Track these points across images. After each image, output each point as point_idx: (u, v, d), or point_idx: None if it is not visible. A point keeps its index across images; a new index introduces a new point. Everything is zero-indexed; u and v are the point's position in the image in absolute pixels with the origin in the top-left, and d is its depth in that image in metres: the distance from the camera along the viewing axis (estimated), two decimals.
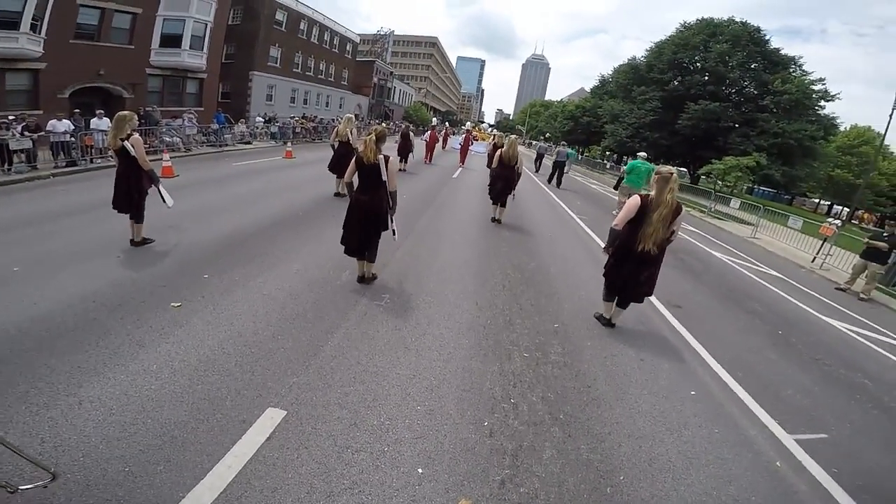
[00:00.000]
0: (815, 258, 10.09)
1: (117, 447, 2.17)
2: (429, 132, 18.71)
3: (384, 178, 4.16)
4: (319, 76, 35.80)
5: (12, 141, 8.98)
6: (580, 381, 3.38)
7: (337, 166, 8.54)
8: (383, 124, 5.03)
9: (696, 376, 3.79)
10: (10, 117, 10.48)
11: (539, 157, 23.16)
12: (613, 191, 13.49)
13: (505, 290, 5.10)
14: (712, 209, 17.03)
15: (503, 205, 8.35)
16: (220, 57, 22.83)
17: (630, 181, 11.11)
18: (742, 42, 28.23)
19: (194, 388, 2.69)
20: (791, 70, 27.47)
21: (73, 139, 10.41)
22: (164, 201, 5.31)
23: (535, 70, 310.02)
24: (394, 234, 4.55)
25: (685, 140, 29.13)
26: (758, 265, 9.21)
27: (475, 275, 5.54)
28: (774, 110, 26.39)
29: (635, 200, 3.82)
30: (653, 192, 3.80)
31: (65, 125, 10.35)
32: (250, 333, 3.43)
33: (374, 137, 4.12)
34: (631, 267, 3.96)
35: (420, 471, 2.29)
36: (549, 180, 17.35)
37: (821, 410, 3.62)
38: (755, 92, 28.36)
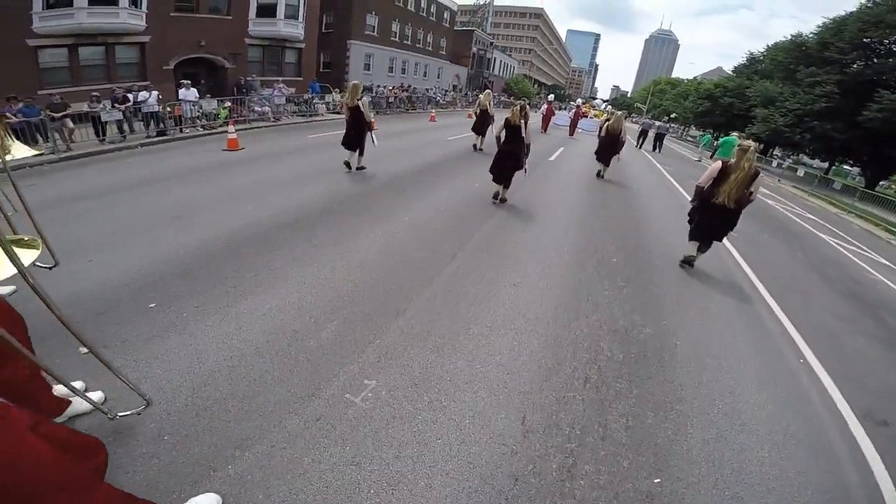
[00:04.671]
0: None
1: None
2: (545, 106, 22.00)
3: (523, 134, 6.29)
4: (417, 45, 34.69)
5: (104, 113, 9.26)
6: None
7: (479, 128, 11.71)
8: (523, 101, 7.00)
9: None
10: (118, 89, 11.02)
11: (643, 133, 22.60)
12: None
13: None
14: None
15: (607, 165, 10.51)
16: (319, 27, 22.75)
17: (722, 153, 13.28)
18: None
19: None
20: None
21: (164, 110, 10.66)
22: (373, 142, 7.84)
23: (661, 46, 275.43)
24: (525, 171, 6.66)
25: (868, 135, 21.64)
26: None
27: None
28: None
29: (717, 165, 4.82)
30: (733, 160, 4.67)
31: (152, 96, 10.55)
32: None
33: (519, 108, 6.32)
34: (708, 214, 4.97)
35: None
36: (642, 145, 21.75)
37: None
38: None
